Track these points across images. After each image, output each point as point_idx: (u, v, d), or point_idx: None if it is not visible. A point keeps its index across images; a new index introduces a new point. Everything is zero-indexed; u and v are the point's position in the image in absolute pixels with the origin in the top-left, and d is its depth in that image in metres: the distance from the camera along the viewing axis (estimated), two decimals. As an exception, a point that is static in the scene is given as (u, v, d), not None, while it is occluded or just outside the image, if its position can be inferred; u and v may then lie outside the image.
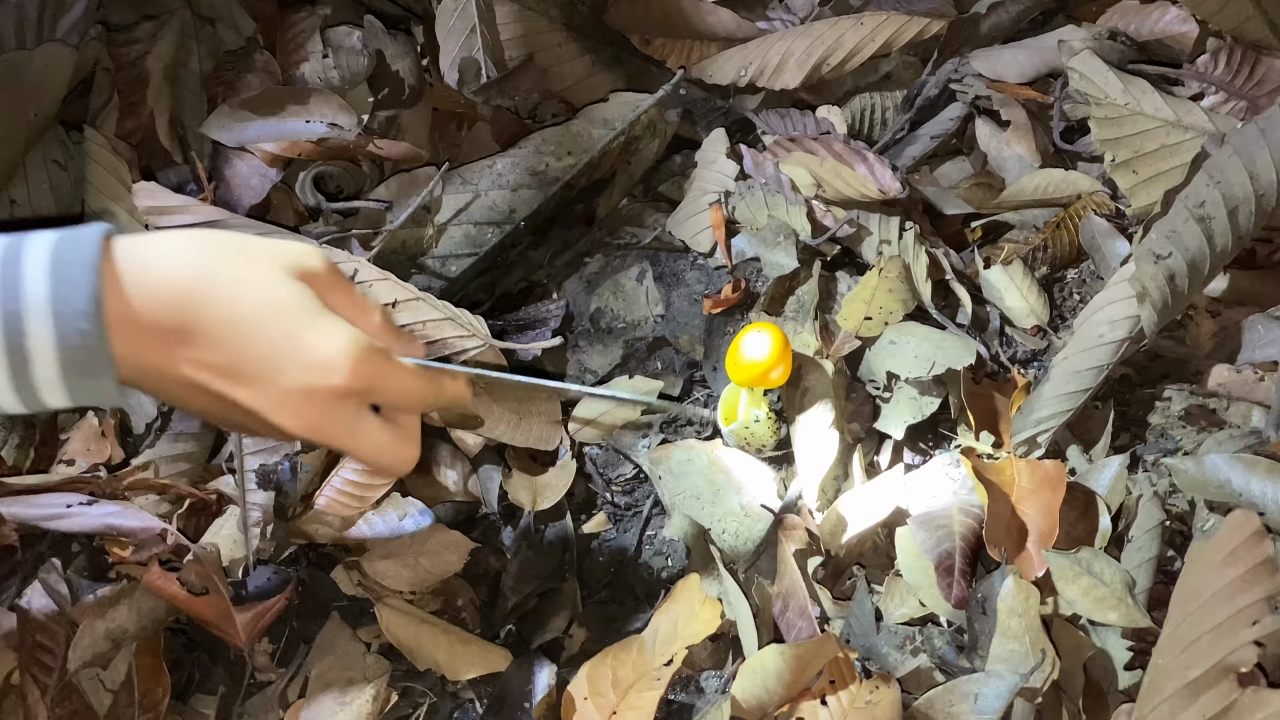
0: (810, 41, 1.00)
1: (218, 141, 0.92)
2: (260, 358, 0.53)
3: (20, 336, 0.49)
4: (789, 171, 0.91)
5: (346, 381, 0.54)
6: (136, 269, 0.51)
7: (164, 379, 0.53)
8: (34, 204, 0.92)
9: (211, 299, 0.52)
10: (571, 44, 1.02)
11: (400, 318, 0.79)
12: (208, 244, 0.53)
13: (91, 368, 0.50)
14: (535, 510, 0.80)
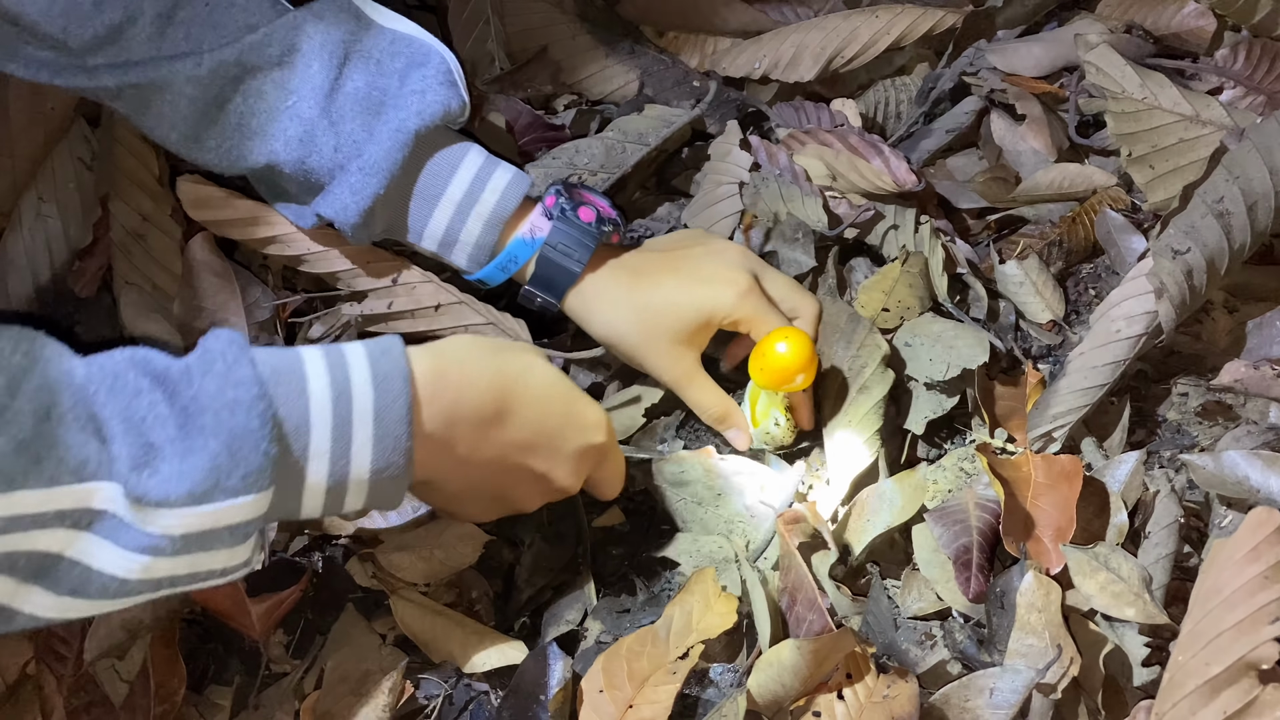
0: (824, 35, 0.99)
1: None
2: (550, 429, 0.65)
3: (347, 446, 0.56)
4: (803, 162, 0.91)
5: (605, 440, 0.67)
6: (452, 371, 0.61)
7: (467, 464, 0.63)
8: (61, 202, 0.91)
9: (514, 388, 0.63)
10: (585, 35, 1.02)
11: (442, 320, 0.80)
12: (483, 345, 0.65)
13: (395, 475, 0.58)
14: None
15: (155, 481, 0.49)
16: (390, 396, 0.56)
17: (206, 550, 0.52)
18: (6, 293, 0.91)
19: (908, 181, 0.87)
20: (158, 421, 0.50)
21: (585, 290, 0.77)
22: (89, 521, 0.49)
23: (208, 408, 0.51)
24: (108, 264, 0.91)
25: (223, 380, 0.51)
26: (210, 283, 0.79)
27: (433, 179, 0.75)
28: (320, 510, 0.57)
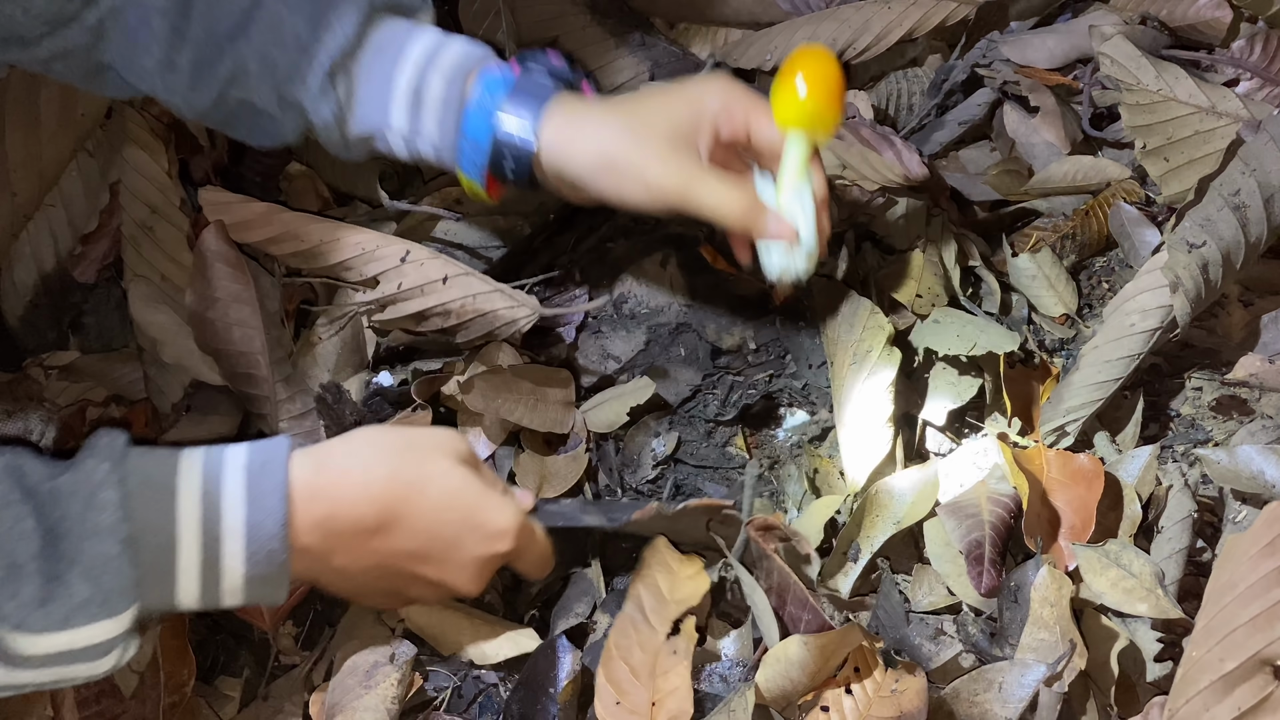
0: (836, 26, 0.99)
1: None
2: (446, 538, 0.62)
3: (217, 560, 0.56)
4: (814, 154, 0.90)
5: (511, 547, 0.64)
6: (331, 482, 0.60)
7: (346, 572, 0.61)
8: (64, 193, 0.91)
9: (406, 496, 0.61)
10: (595, 27, 1.01)
11: (451, 293, 0.79)
12: (383, 447, 0.62)
13: (272, 581, 0.58)
14: (540, 496, 0.80)
15: (13, 606, 0.51)
16: (264, 512, 0.57)
17: (69, 665, 0.54)
18: (13, 282, 0.92)
19: (919, 174, 0.86)
20: (22, 538, 0.51)
21: (566, 114, 0.69)
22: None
23: (72, 530, 0.52)
24: (111, 251, 0.91)
25: (88, 502, 0.53)
26: (223, 273, 0.79)
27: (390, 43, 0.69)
28: (198, 607, 0.58)
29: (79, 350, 0.90)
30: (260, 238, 0.82)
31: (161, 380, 0.83)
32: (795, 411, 0.84)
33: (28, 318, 0.92)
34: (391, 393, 0.84)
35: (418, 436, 0.64)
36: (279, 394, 0.80)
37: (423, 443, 0.63)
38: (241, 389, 0.81)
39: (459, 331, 0.82)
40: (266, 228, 0.81)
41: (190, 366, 0.82)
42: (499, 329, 0.82)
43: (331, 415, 0.78)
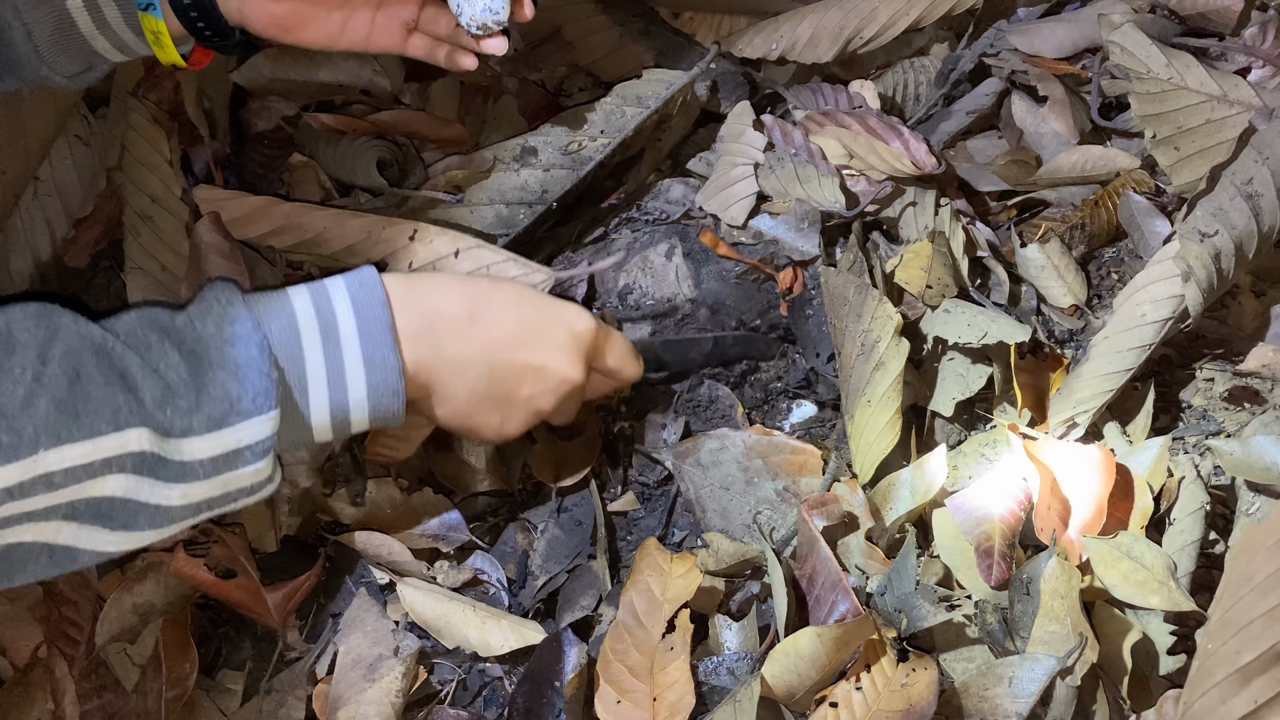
0: (843, 15, 0.98)
1: (240, 114, 0.91)
2: (531, 319, 0.68)
3: (340, 367, 0.61)
4: (820, 143, 0.90)
5: (594, 324, 0.70)
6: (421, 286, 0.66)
7: (458, 364, 0.65)
8: (58, 180, 0.91)
9: (486, 291, 0.68)
10: (600, 16, 1.01)
11: (464, 265, 0.80)
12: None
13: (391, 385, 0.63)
14: (558, 486, 0.79)
15: (177, 416, 0.55)
16: (370, 318, 0.62)
17: (233, 469, 0.58)
18: (9, 271, 0.91)
19: (927, 163, 0.86)
20: (170, 366, 0.56)
21: None
22: (132, 463, 0.54)
23: (211, 345, 0.57)
24: (104, 236, 0.91)
25: (220, 320, 0.58)
26: (218, 264, 0.78)
27: None
28: (331, 430, 0.62)
29: (78, 340, 0.89)
30: (261, 231, 0.81)
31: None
32: (803, 403, 0.83)
33: (25, 307, 0.91)
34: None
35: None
36: (280, 385, 0.79)
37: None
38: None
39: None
40: (266, 220, 0.81)
41: (190, 357, 0.81)
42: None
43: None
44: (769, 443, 0.76)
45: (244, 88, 0.91)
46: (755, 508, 0.74)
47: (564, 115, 0.90)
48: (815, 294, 0.86)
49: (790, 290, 0.87)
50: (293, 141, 0.93)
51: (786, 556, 0.70)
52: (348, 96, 0.93)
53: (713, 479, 0.75)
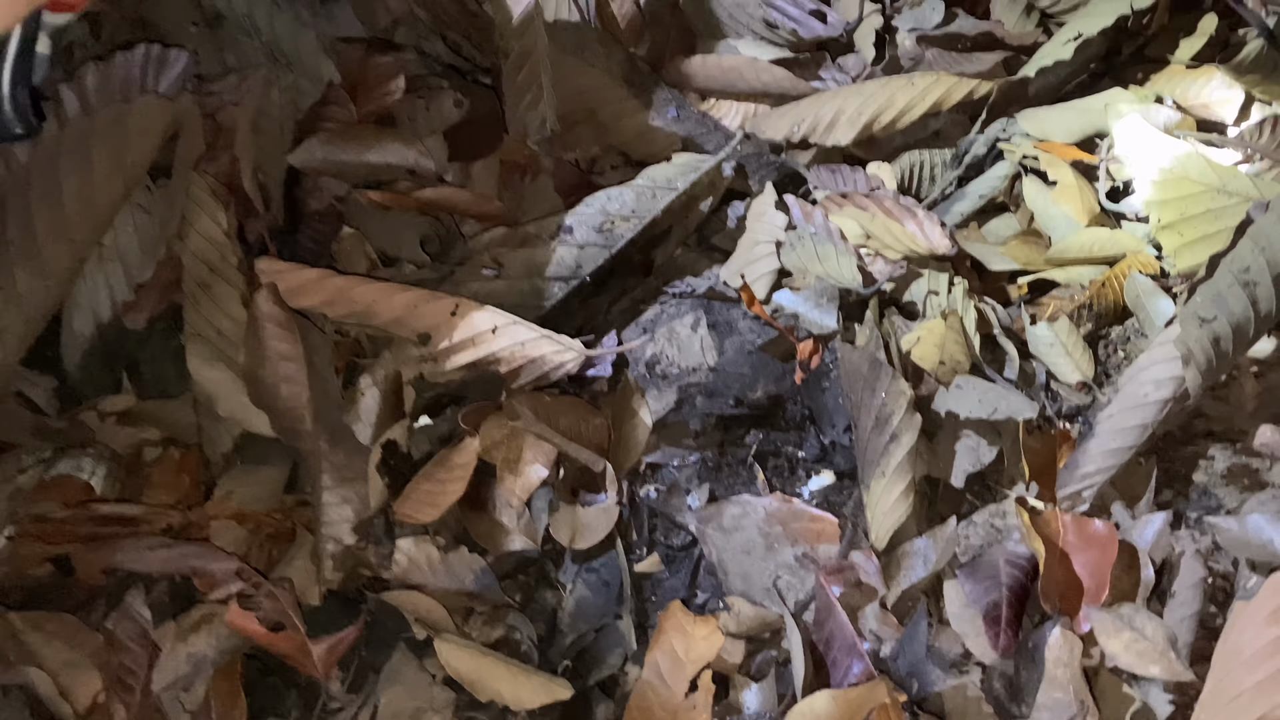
0: (862, 100, 1.03)
1: (294, 191, 0.97)
2: None
3: None
4: (839, 223, 0.95)
5: None
6: None
7: None
8: (120, 246, 0.97)
9: None
10: (631, 100, 1.06)
11: (501, 341, 0.84)
12: None
13: None
14: (573, 549, 0.83)
15: None
16: None
17: None
18: (73, 331, 0.97)
19: (941, 245, 0.90)
20: None
21: None
22: None
23: None
24: (162, 299, 0.96)
25: None
26: (274, 333, 0.84)
27: None
28: None
29: (136, 396, 0.95)
30: (314, 302, 0.86)
31: (214, 430, 0.88)
32: (821, 471, 0.87)
33: (85, 365, 0.96)
34: (435, 432, 0.88)
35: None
36: (323, 447, 0.84)
37: None
38: (290, 441, 0.85)
39: (512, 379, 0.86)
40: (319, 293, 0.86)
41: (243, 419, 0.86)
42: (549, 372, 0.86)
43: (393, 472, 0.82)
44: (789, 510, 0.80)
45: (298, 168, 0.97)
46: (775, 572, 0.77)
47: (597, 196, 0.95)
48: (833, 367, 0.90)
49: (808, 362, 0.91)
50: (341, 216, 0.98)
51: (805, 620, 0.74)
52: (394, 175, 0.99)
53: (735, 544, 0.79)
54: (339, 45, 1.07)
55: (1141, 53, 1.04)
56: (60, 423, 0.92)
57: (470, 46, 1.12)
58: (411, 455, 0.87)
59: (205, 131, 1.01)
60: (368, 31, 1.11)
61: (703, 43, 1.12)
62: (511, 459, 0.86)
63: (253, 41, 1.09)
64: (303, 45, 1.07)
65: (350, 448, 0.85)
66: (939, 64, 1.06)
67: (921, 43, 1.07)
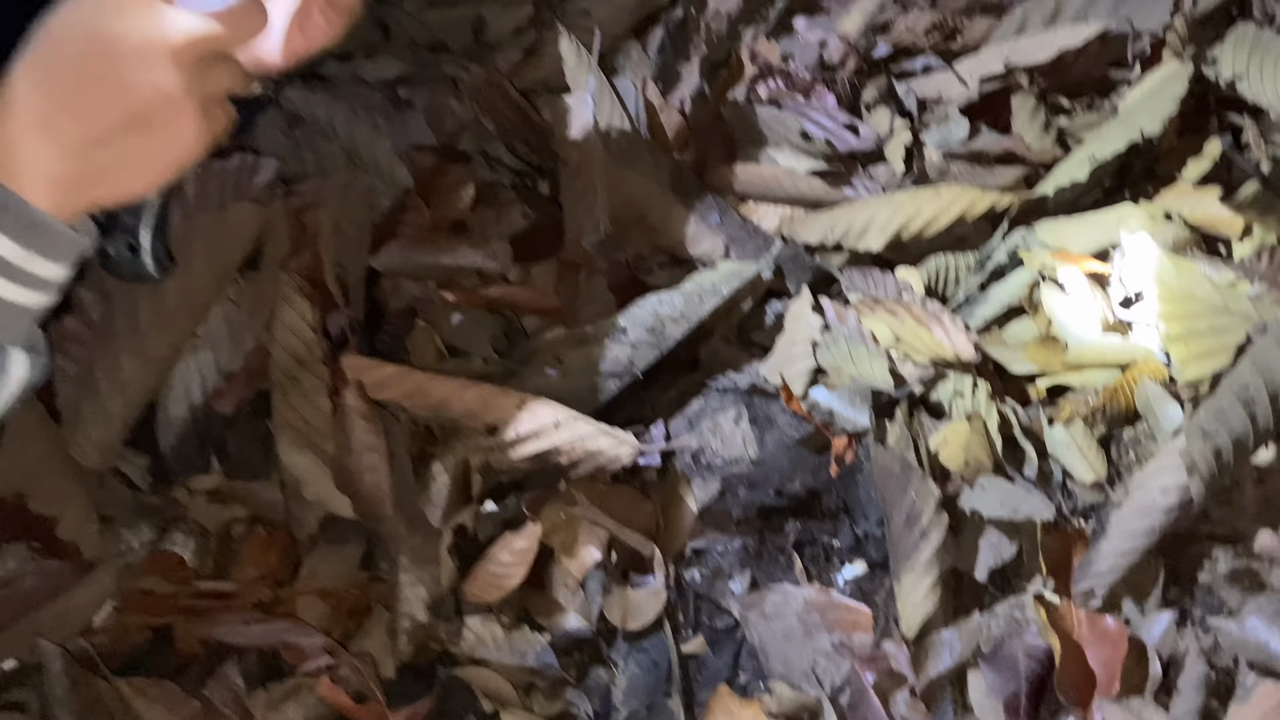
0: (892, 210, 1.12)
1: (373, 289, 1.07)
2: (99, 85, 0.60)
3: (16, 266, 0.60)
4: (871, 325, 1.03)
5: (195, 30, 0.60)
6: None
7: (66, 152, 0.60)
8: (212, 337, 1.06)
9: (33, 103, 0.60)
10: (678, 205, 1.15)
11: (562, 435, 0.93)
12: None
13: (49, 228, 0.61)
14: (625, 630, 0.91)
15: None
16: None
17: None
18: (167, 414, 1.06)
19: (966, 352, 0.98)
20: None
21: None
22: None
23: None
24: (250, 387, 1.05)
25: None
26: (360, 426, 0.92)
27: None
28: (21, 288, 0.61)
29: (224, 476, 1.03)
30: (394, 395, 0.95)
31: (300, 512, 0.96)
32: (854, 560, 0.94)
33: (178, 445, 1.05)
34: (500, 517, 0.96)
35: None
36: (401, 530, 0.92)
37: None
38: (371, 525, 0.93)
39: (571, 469, 0.94)
40: (399, 387, 0.95)
41: (328, 503, 0.94)
42: (605, 465, 0.94)
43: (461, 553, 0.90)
44: (826, 600, 0.87)
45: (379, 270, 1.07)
46: (813, 658, 0.85)
47: (649, 298, 1.04)
48: (865, 462, 0.98)
49: (843, 457, 0.99)
50: (415, 311, 1.07)
51: (841, 704, 0.81)
52: (464, 275, 1.08)
53: (776, 630, 0.87)
54: (412, 152, 1.18)
55: (1152, 170, 1.12)
56: (155, 499, 1.01)
57: (529, 150, 1.21)
58: (478, 537, 0.95)
59: (290, 231, 1.11)
60: (437, 137, 1.21)
61: (743, 150, 1.21)
62: (568, 542, 0.94)
63: (332, 145, 1.20)
64: (379, 151, 1.17)
65: (424, 530, 0.93)
66: (964, 177, 1.14)
67: (947, 157, 1.15)
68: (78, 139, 0.60)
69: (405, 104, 1.22)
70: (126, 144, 0.61)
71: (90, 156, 0.61)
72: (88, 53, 0.59)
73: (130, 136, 0.61)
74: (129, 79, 0.59)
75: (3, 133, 0.60)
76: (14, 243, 0.61)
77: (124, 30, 0.59)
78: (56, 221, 0.62)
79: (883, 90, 1.23)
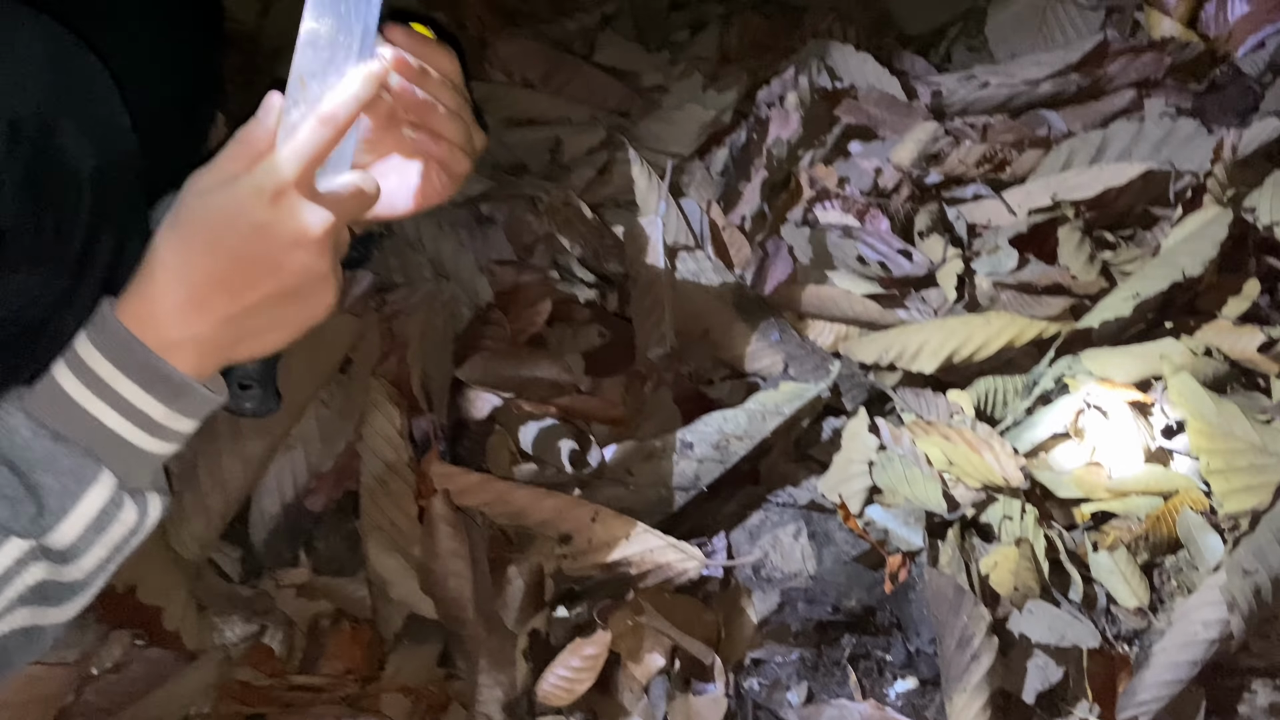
0: (944, 335, 1.18)
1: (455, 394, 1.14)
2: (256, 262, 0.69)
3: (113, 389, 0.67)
4: (925, 448, 1.09)
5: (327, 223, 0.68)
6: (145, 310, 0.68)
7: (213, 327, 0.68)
8: (304, 437, 1.14)
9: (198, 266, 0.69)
10: (740, 322, 1.22)
11: (633, 548, 0.98)
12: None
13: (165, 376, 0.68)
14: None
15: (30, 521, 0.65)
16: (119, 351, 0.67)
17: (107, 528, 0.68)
18: (261, 510, 1.13)
19: (1015, 478, 1.04)
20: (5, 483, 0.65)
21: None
22: (32, 558, 0.65)
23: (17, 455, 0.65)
24: (338, 486, 1.12)
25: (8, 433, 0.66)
26: (446, 533, 0.99)
27: None
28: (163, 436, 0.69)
29: (311, 570, 1.10)
30: (476, 502, 1.02)
31: (386, 611, 1.02)
32: (907, 676, 0.99)
33: (269, 540, 1.12)
34: (570, 622, 1.02)
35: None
36: (481, 633, 0.98)
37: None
38: (452, 626, 0.99)
39: (640, 579, 1.00)
40: (481, 495, 1.02)
41: (412, 603, 1.01)
42: (672, 577, 1.00)
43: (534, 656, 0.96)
44: (880, 715, 0.92)
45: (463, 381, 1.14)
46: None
47: (713, 416, 1.11)
48: (918, 580, 1.03)
49: (897, 574, 1.04)
50: (494, 418, 1.15)
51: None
52: (540, 386, 1.15)
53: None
54: (492, 265, 1.26)
55: (1193, 304, 1.18)
56: (248, 591, 1.08)
57: (599, 264, 1.30)
58: (549, 641, 1.01)
59: (380, 338, 1.19)
60: (515, 251, 1.30)
61: (802, 270, 1.29)
62: (634, 649, 1.00)
63: (419, 257, 1.28)
64: (462, 265, 1.26)
65: (500, 633, 0.99)
66: (1013, 305, 1.21)
67: (997, 285, 1.22)
68: (231, 313, 0.69)
69: (487, 220, 1.31)
70: (273, 313, 0.70)
71: (240, 326, 0.69)
72: (244, 239, 0.68)
73: (277, 308, 0.69)
74: (284, 263, 0.68)
75: (157, 306, 0.68)
76: (163, 405, 0.69)
77: (274, 220, 0.67)
78: (200, 386, 0.71)
79: (934, 217, 1.30)
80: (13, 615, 0.67)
